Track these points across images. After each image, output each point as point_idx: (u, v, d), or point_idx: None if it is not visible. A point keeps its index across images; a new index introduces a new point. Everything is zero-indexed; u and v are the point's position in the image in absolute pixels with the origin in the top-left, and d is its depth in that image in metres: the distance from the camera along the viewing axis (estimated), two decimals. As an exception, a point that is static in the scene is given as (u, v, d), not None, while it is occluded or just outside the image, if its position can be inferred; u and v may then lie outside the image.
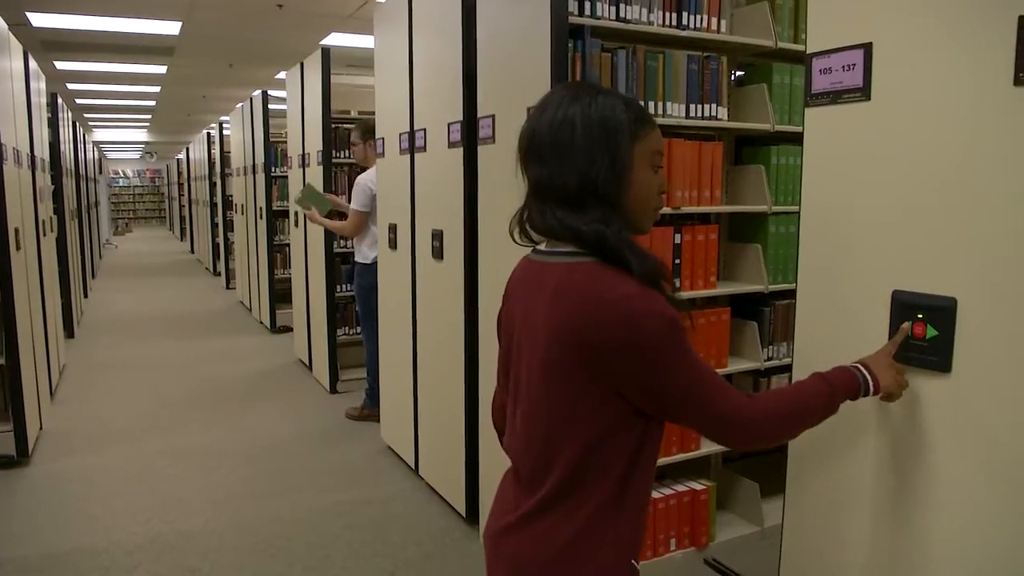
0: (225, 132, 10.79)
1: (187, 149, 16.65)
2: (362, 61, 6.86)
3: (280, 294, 7.63)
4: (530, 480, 1.35)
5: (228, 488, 3.93)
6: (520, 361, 1.37)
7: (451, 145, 3.31)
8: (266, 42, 8.80)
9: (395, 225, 4.04)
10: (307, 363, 6.33)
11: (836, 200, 1.70)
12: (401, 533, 3.42)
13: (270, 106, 7.38)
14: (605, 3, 2.67)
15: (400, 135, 3.89)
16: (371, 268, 4.66)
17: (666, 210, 2.79)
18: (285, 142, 7.12)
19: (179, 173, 19.55)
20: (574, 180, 1.26)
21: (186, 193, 17.34)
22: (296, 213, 6.23)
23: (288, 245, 7.39)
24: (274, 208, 7.46)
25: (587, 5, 2.63)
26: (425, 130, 3.61)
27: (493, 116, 2.96)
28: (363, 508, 3.68)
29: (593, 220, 1.25)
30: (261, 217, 7.60)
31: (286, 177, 7.09)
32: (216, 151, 11.39)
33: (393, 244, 4.08)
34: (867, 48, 1.59)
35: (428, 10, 3.55)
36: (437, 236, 3.49)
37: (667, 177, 2.78)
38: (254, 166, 7.83)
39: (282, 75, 8.56)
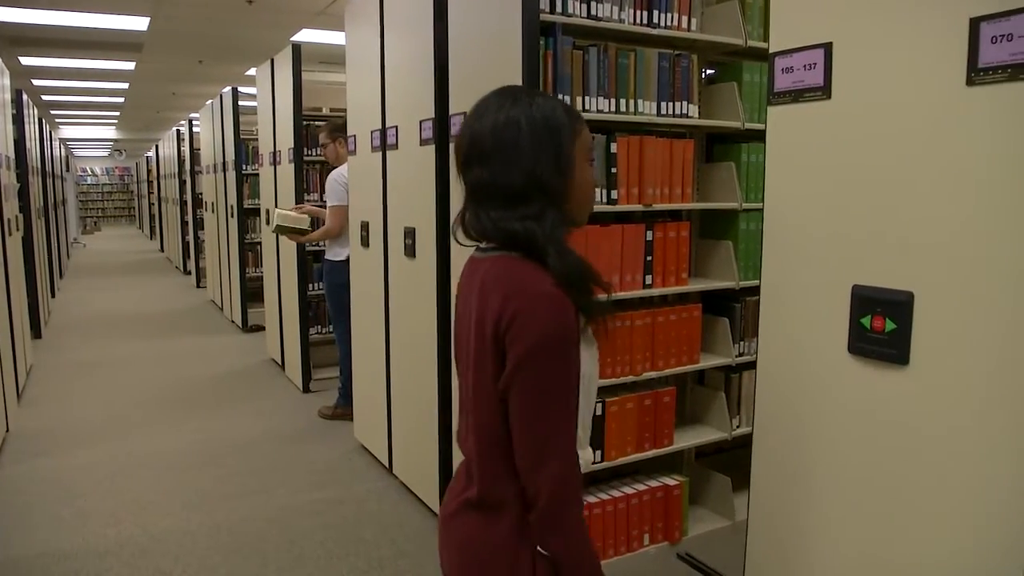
0: (195, 129, 10.68)
1: (156, 146, 16.47)
2: (334, 58, 6.81)
3: (252, 293, 7.57)
4: (471, 469, 1.39)
5: (200, 489, 3.90)
6: (462, 355, 1.42)
7: (423, 143, 3.30)
8: (236, 38, 8.71)
9: (367, 223, 4.02)
10: (279, 362, 6.29)
11: (798, 197, 1.74)
12: (375, 532, 3.41)
13: (240, 103, 7.32)
14: (576, 1, 2.68)
15: (372, 132, 3.87)
16: (340, 266, 4.64)
17: (638, 207, 2.81)
18: (256, 139, 7.06)
19: (148, 171, 19.33)
20: (519, 179, 1.29)
21: (156, 191, 17.16)
22: (268, 213, 6.18)
23: (259, 243, 7.33)
24: (245, 206, 7.40)
25: (558, 3, 2.64)
26: (397, 127, 3.59)
27: (465, 113, 2.96)
28: (337, 507, 3.66)
29: (528, 216, 1.28)
30: (232, 215, 7.54)
31: (257, 175, 7.03)
32: (186, 148, 11.27)
33: (365, 242, 4.06)
34: (827, 48, 1.63)
35: (399, 6, 3.53)
36: (409, 234, 3.48)
37: (639, 175, 2.80)
38: (224, 163, 7.76)
39: (252, 71, 8.48)
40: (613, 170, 2.74)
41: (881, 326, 1.53)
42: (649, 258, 2.83)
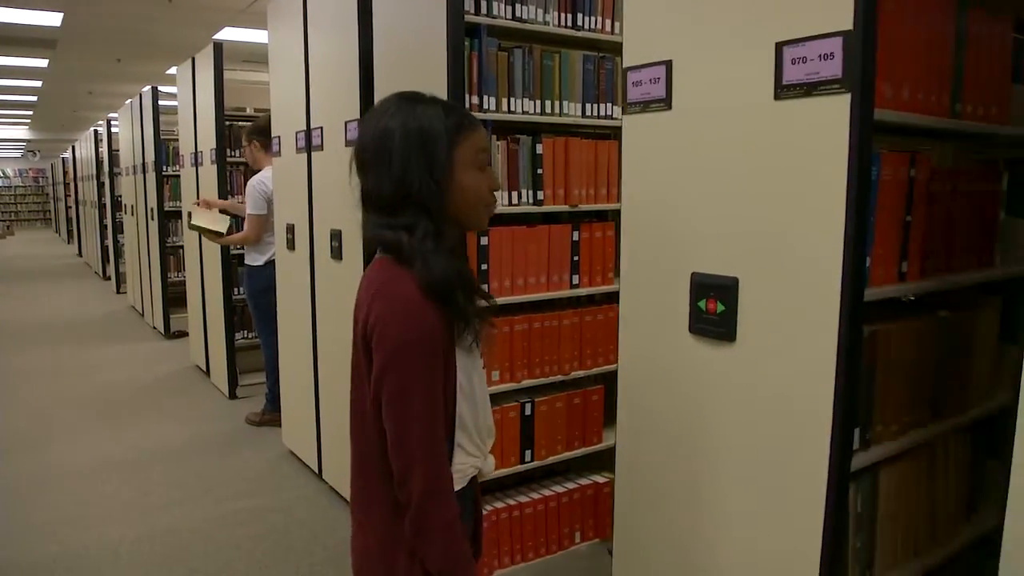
0: (113, 130, 10.32)
1: (73, 147, 15.86)
2: (257, 56, 6.70)
3: (174, 298, 7.37)
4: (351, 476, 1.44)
5: (122, 501, 3.78)
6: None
7: (348, 143, 3.27)
8: (156, 36, 8.49)
9: (293, 225, 3.96)
10: (204, 369, 6.14)
11: (648, 196, 1.92)
12: (305, 539, 3.36)
13: (161, 102, 7.12)
14: (501, 2, 2.69)
15: (297, 133, 3.81)
16: (260, 271, 4.57)
17: (564, 208, 2.83)
18: (177, 140, 6.88)
19: (65, 172, 18.66)
20: (390, 188, 1.32)
21: (73, 193, 16.55)
22: (190, 215, 6.03)
23: (181, 247, 7.15)
24: (166, 208, 7.20)
25: (483, 4, 2.65)
26: (322, 128, 3.55)
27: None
28: (265, 515, 3.60)
29: (400, 226, 1.31)
30: (152, 218, 7.32)
31: (178, 176, 6.85)
32: (104, 149, 10.89)
33: (291, 245, 4.00)
34: (668, 64, 1.82)
35: (323, 5, 3.49)
36: (336, 236, 3.44)
37: (565, 176, 2.82)
38: (144, 165, 7.53)
39: (173, 70, 8.25)
40: (539, 171, 2.76)
41: (714, 308, 1.73)
42: (576, 258, 2.85)
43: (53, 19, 7.51)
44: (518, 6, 2.73)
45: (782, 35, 1.53)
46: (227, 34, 8.23)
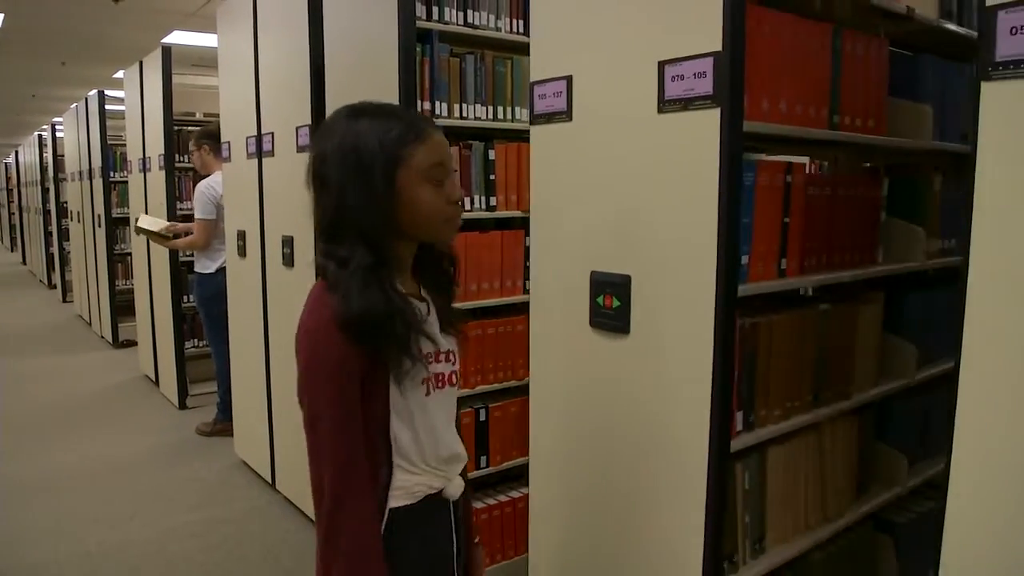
0: (59, 134, 10.10)
1: (16, 152, 15.50)
2: (207, 61, 6.60)
3: (122, 306, 7.22)
4: None
5: (70, 516, 3.68)
6: None
7: (300, 149, 3.23)
8: (102, 38, 8.31)
9: (244, 232, 3.90)
10: (154, 378, 6.02)
11: (553, 201, 2.06)
12: (258, 550, 3.31)
13: (108, 106, 6.97)
14: (453, 8, 2.70)
15: (247, 139, 3.76)
16: (211, 278, 4.51)
17: (517, 214, 2.84)
18: (124, 145, 6.75)
19: (8, 178, 18.18)
20: (328, 214, 1.28)
21: (16, 200, 16.15)
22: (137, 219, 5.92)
23: (129, 254, 7.00)
24: (113, 215, 7.05)
25: (435, 10, 2.66)
26: (273, 134, 3.50)
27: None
28: (217, 527, 3.53)
29: (333, 255, 1.27)
30: (99, 225, 7.17)
31: (126, 182, 6.72)
32: (49, 154, 10.65)
33: (242, 252, 3.94)
34: (569, 79, 1.95)
35: (273, 9, 3.45)
36: (287, 243, 3.40)
37: (517, 181, 2.83)
38: (91, 170, 7.37)
39: (120, 74, 8.09)
40: (492, 177, 2.76)
41: (610, 303, 1.86)
42: (528, 263, 2.86)
43: (-6, 20, 7.32)
44: (470, 12, 2.74)
45: (663, 55, 1.68)
46: (176, 37, 8.10)
